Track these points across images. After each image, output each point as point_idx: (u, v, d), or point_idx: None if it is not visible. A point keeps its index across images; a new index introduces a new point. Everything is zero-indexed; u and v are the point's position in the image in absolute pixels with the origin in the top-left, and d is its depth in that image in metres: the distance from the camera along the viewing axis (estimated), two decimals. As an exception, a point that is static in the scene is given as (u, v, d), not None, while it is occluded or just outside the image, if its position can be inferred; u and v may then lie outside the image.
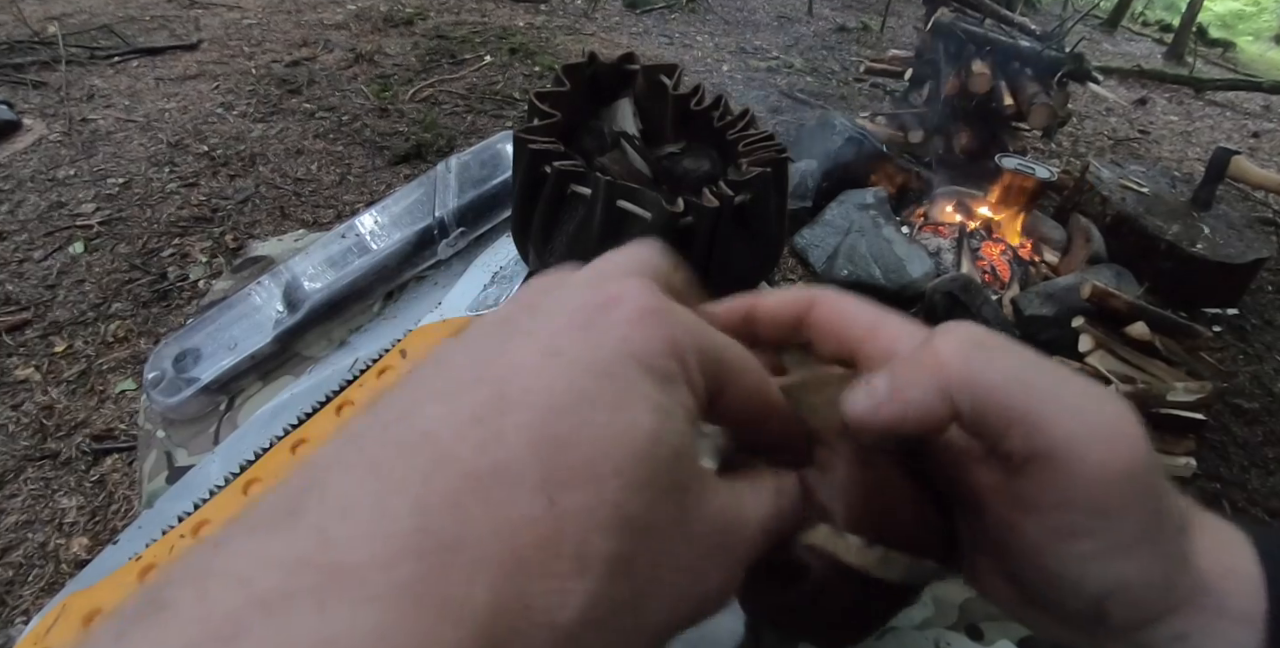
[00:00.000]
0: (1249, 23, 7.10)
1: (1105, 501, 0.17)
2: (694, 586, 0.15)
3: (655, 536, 0.14)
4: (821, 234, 2.19)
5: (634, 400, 0.14)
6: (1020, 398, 0.17)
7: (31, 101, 2.53)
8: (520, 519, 0.12)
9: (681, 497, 0.14)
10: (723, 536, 0.16)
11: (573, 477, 0.13)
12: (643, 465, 0.13)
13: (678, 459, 0.14)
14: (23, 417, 1.49)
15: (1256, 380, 2.01)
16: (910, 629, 0.47)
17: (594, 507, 0.13)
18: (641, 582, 0.13)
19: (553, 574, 0.12)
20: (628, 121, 0.67)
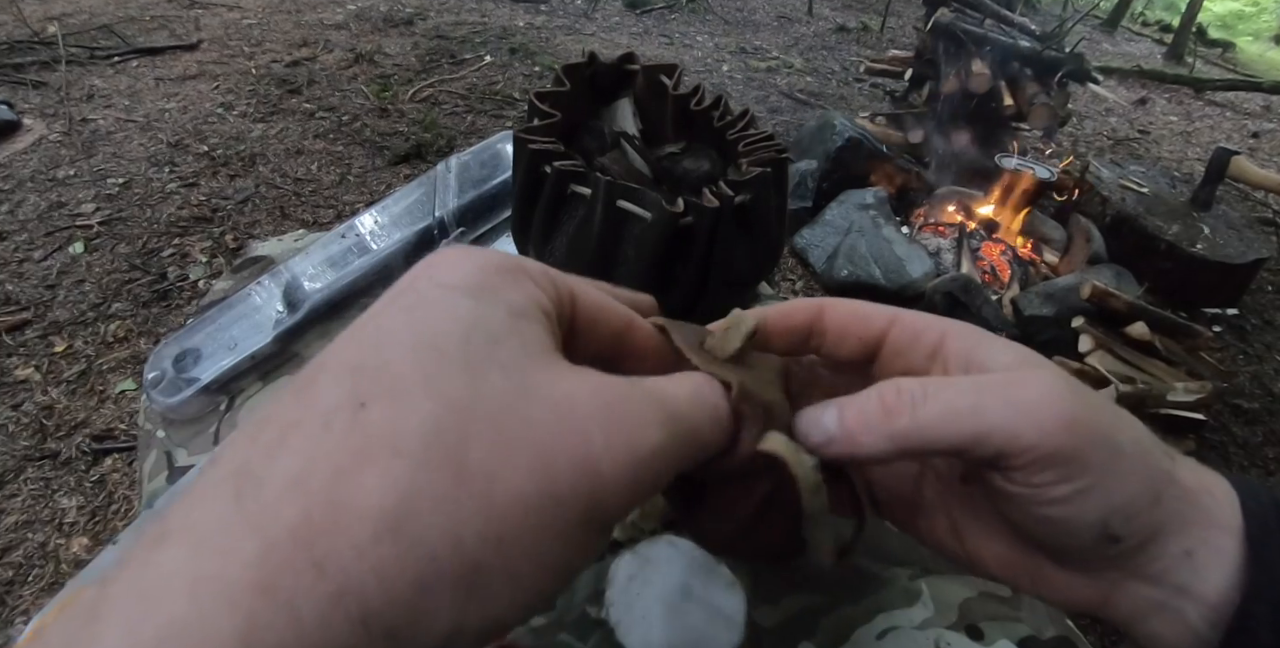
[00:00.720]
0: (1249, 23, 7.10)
1: (1062, 457, 0.19)
2: (541, 463, 0.15)
3: (477, 415, 0.15)
4: (821, 234, 2.19)
5: (432, 305, 0.16)
6: (958, 430, 0.20)
7: (31, 101, 2.53)
8: (341, 429, 0.14)
9: (505, 378, 0.15)
10: (573, 417, 0.16)
11: (376, 375, 0.15)
12: (442, 352, 0.15)
13: (494, 343, 0.16)
14: (23, 417, 1.49)
15: (1256, 380, 2.01)
16: (910, 629, 0.47)
17: (399, 391, 0.15)
18: (473, 458, 0.14)
19: (370, 465, 0.13)
20: (628, 121, 0.67)
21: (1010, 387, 0.20)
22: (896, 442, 0.20)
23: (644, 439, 0.16)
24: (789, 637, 0.46)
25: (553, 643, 0.45)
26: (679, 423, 0.18)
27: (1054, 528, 0.21)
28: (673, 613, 0.44)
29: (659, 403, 0.17)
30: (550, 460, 0.15)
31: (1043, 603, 0.50)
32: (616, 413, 0.16)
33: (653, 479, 0.17)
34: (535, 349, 0.17)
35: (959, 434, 0.20)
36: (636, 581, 0.46)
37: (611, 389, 0.17)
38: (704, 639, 0.44)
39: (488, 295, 0.17)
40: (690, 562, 0.47)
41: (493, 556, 0.14)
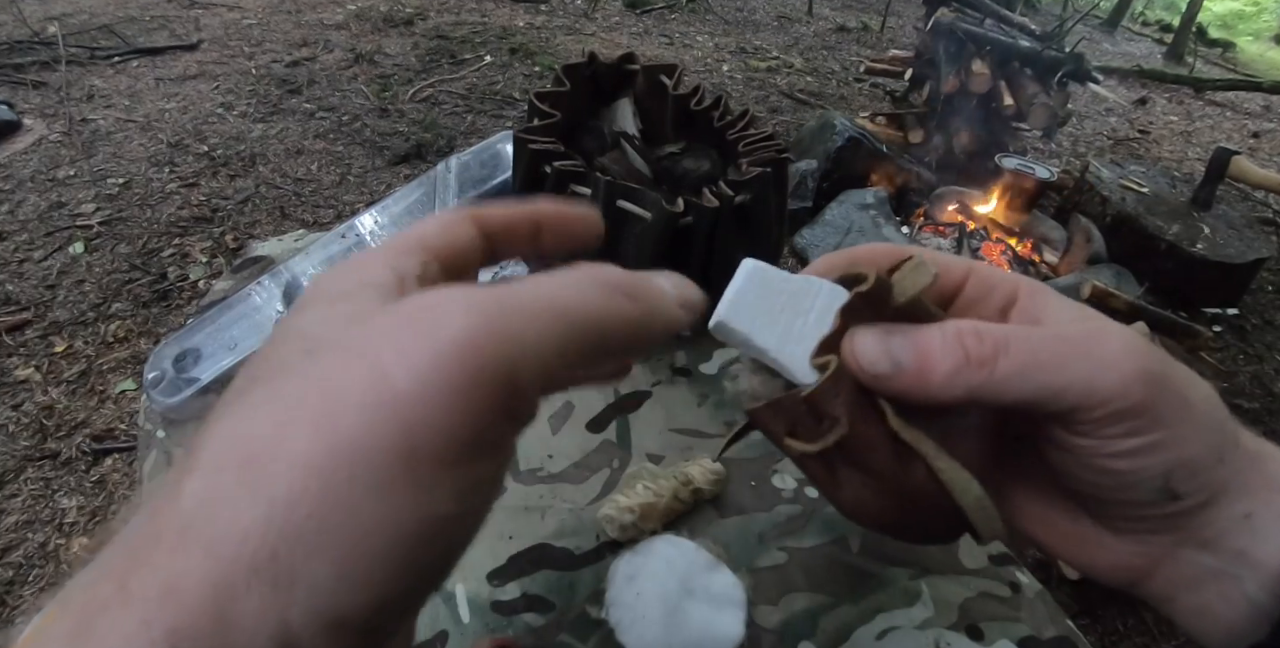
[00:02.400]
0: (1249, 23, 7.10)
1: (1136, 411, 0.19)
2: (323, 414, 0.13)
3: (268, 405, 0.14)
4: (821, 234, 2.19)
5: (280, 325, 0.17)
6: (1038, 383, 0.19)
7: (31, 101, 2.53)
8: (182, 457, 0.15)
9: (308, 357, 0.15)
10: (362, 347, 0.14)
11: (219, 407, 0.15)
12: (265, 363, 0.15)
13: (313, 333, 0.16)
14: (23, 417, 1.49)
15: (1256, 380, 2.01)
16: (910, 629, 0.47)
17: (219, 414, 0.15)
18: (257, 443, 0.13)
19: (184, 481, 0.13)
20: (628, 121, 0.67)
21: (1089, 340, 0.20)
22: (971, 390, 0.20)
23: (448, 329, 0.13)
24: (789, 637, 0.46)
25: (553, 643, 0.45)
26: (525, 300, 0.15)
27: (1114, 481, 0.20)
28: (673, 613, 0.44)
29: (485, 293, 0.14)
30: (334, 408, 0.13)
31: (1043, 603, 0.50)
32: (414, 319, 0.14)
33: (498, 369, 0.13)
34: (353, 317, 0.15)
35: (1037, 388, 0.19)
36: (636, 581, 0.46)
37: (422, 301, 0.15)
38: (704, 639, 0.44)
39: (314, 298, 0.17)
40: (690, 562, 0.47)
41: (282, 538, 0.12)
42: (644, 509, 0.49)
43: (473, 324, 0.13)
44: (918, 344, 0.20)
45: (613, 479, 0.55)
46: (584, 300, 0.16)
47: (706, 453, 0.57)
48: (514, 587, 0.47)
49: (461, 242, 0.20)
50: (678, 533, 0.50)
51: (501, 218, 0.21)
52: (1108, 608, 1.33)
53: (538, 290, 0.15)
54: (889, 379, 0.20)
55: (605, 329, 0.16)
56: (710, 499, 0.53)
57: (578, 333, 0.16)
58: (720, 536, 0.51)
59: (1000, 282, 0.24)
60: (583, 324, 0.16)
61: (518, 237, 0.22)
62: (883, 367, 0.20)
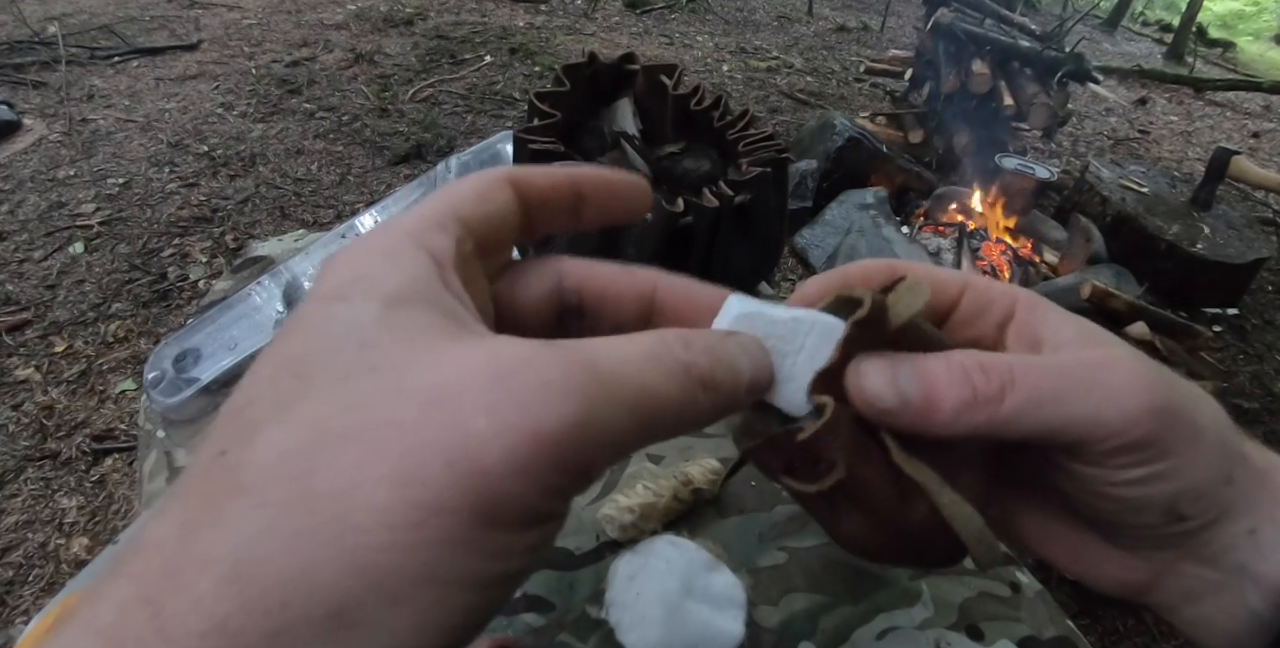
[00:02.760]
0: (1249, 23, 7.10)
1: (1144, 444, 0.19)
2: (405, 468, 0.13)
3: (332, 434, 0.13)
4: (821, 234, 2.19)
5: (301, 325, 0.15)
6: (1041, 420, 0.19)
7: (31, 101, 2.53)
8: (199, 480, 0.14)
9: (377, 383, 0.14)
10: (450, 403, 0.13)
11: (238, 416, 0.14)
12: (302, 377, 0.14)
13: (366, 348, 0.14)
14: (23, 417, 1.49)
15: (1256, 380, 2.01)
16: (910, 629, 0.47)
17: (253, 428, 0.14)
18: (323, 482, 0.13)
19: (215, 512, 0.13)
20: (628, 121, 0.67)
21: (1096, 370, 0.19)
22: (975, 428, 0.19)
23: (548, 413, 0.13)
24: (789, 637, 0.46)
25: (553, 643, 0.45)
26: (614, 388, 0.14)
27: (1120, 507, 0.20)
28: (673, 613, 0.44)
29: (579, 366, 0.14)
30: (416, 462, 0.13)
31: (1043, 603, 0.50)
32: (511, 386, 0.14)
33: (580, 458, 0.14)
34: (417, 336, 0.15)
35: (1042, 424, 0.19)
36: (636, 581, 0.46)
37: (511, 357, 0.14)
38: (704, 639, 0.44)
39: (361, 291, 0.15)
40: (690, 562, 0.47)
41: (359, 587, 0.12)
42: (644, 509, 0.49)
43: (568, 416, 0.13)
44: (924, 378, 0.19)
45: (613, 479, 0.55)
46: (669, 393, 0.16)
47: (706, 453, 0.57)
48: (514, 587, 0.47)
49: (499, 212, 0.19)
50: (678, 533, 0.50)
51: (543, 183, 0.20)
52: (1108, 608, 1.33)
53: (628, 372, 0.15)
54: (894, 415, 0.19)
55: (679, 421, 0.16)
56: (710, 499, 0.53)
57: (654, 424, 0.16)
58: (720, 536, 0.51)
59: (997, 296, 0.23)
60: (660, 417, 0.16)
61: (559, 207, 0.20)
62: (889, 402, 0.19)
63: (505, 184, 0.19)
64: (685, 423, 0.16)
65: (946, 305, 0.23)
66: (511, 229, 0.19)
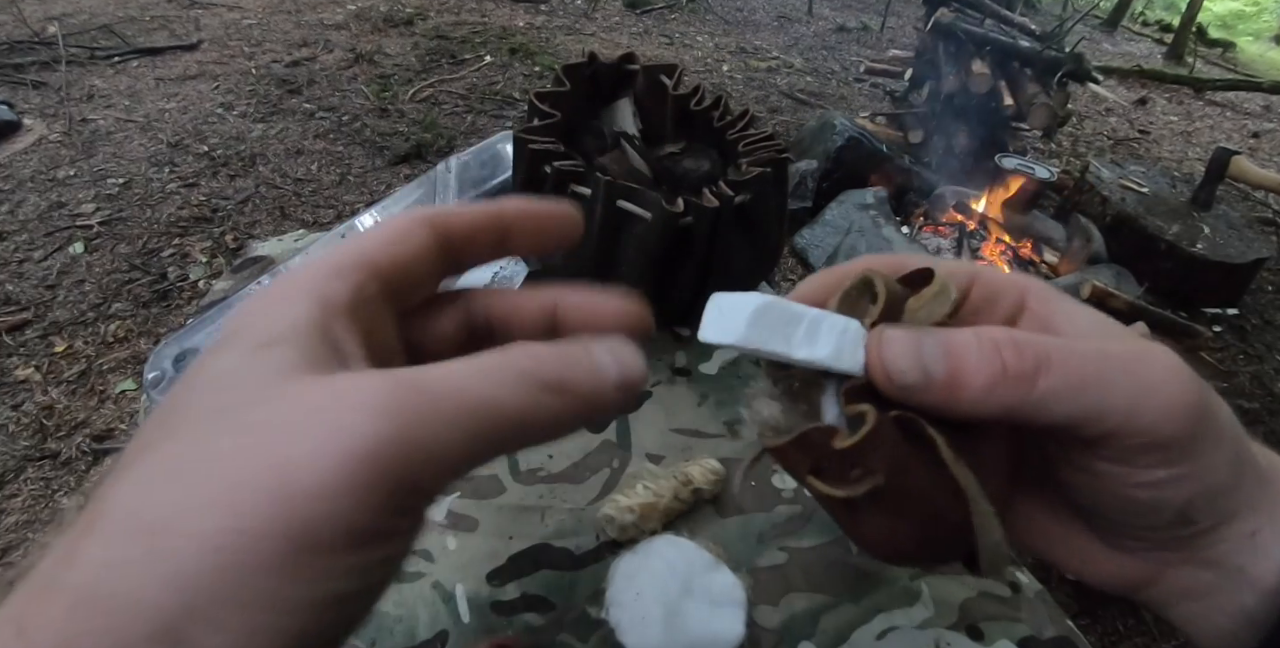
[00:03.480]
0: (1249, 23, 7.10)
1: (1170, 443, 0.18)
2: (224, 496, 0.14)
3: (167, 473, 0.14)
4: (821, 234, 2.19)
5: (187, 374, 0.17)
6: (1079, 405, 0.18)
7: (31, 101, 2.53)
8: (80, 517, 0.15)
9: (214, 424, 0.15)
10: (273, 433, 0.14)
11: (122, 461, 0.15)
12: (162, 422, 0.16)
13: (221, 390, 0.15)
14: (23, 417, 1.49)
15: (1256, 380, 2.01)
16: (910, 629, 0.47)
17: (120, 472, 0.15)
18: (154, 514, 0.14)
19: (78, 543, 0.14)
20: (628, 122, 0.67)
21: (1135, 362, 0.19)
22: (1008, 408, 0.18)
23: (360, 433, 0.14)
24: (789, 637, 0.46)
25: (553, 643, 0.45)
26: (438, 403, 0.15)
27: (1131, 508, 0.20)
28: (673, 613, 0.44)
29: (402, 387, 0.15)
30: (236, 491, 0.13)
31: (1043, 603, 0.50)
32: (329, 412, 0.14)
33: (404, 475, 0.14)
34: (271, 377, 0.15)
35: (1078, 410, 0.18)
36: (636, 581, 0.46)
37: (341, 387, 0.15)
38: (704, 639, 0.44)
39: (237, 339, 0.16)
40: (690, 562, 0.47)
41: (180, 610, 0.13)
42: (644, 509, 0.49)
43: (382, 433, 0.14)
44: (951, 352, 0.18)
45: (613, 479, 0.55)
46: (502, 400, 0.16)
47: (706, 453, 0.57)
48: (514, 587, 0.47)
49: (410, 254, 0.19)
50: (678, 533, 0.50)
51: (462, 222, 0.20)
52: (1108, 608, 1.33)
53: (455, 386, 0.15)
54: (918, 391, 0.18)
55: (524, 429, 0.16)
56: (710, 499, 0.53)
57: (492, 435, 0.16)
58: (720, 536, 0.51)
59: (1006, 287, 0.22)
60: (496, 427, 0.16)
61: (483, 242, 0.21)
62: (913, 376, 0.18)
63: (421, 226, 0.20)
64: (536, 429, 0.16)
65: (956, 298, 0.23)
66: (427, 268, 0.20)
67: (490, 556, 0.49)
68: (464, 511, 0.51)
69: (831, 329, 0.20)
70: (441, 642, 0.44)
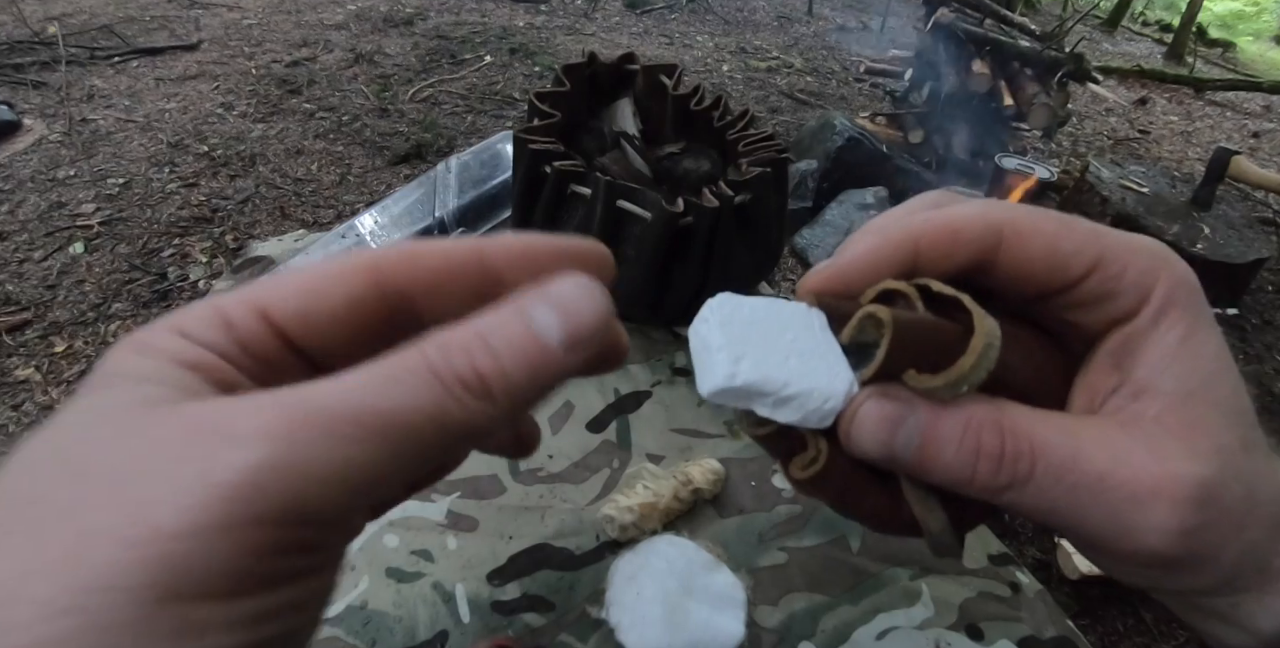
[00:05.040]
0: (1249, 23, 7.10)
1: (1170, 563, 0.17)
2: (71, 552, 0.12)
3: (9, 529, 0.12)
4: (821, 234, 2.19)
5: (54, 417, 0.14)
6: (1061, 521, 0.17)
7: (31, 101, 2.53)
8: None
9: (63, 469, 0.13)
10: (130, 472, 0.12)
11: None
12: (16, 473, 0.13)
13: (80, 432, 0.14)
14: (23, 417, 1.49)
15: (1256, 380, 2.01)
16: (910, 629, 0.47)
17: None
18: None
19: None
20: (628, 121, 0.67)
21: (1137, 454, 0.17)
22: (975, 494, 0.17)
23: (225, 465, 0.12)
24: (789, 637, 0.46)
25: (553, 643, 0.45)
26: (325, 421, 0.13)
27: (1142, 584, 0.19)
28: (673, 613, 0.44)
29: (279, 408, 0.13)
30: (85, 545, 0.11)
31: (1043, 603, 0.50)
32: (192, 446, 0.12)
33: (289, 505, 0.12)
34: (118, 414, 0.13)
35: (1051, 521, 0.17)
36: (636, 581, 0.46)
37: (206, 417, 0.13)
38: (704, 639, 0.44)
39: (94, 385, 0.14)
40: (690, 562, 0.47)
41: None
42: (644, 509, 0.49)
43: (256, 459, 0.12)
44: (927, 443, 0.17)
45: (613, 479, 0.55)
46: (412, 409, 0.13)
47: (706, 453, 0.57)
48: (514, 587, 0.47)
49: (328, 309, 0.16)
50: (678, 533, 0.50)
51: (422, 270, 0.16)
52: (1108, 608, 1.33)
53: (352, 401, 0.13)
54: (881, 462, 0.18)
55: (450, 434, 0.14)
56: (710, 499, 0.53)
57: (405, 449, 0.13)
58: (720, 536, 0.51)
59: (1130, 285, 0.18)
60: (409, 439, 0.13)
61: (452, 294, 0.17)
62: (876, 454, 0.17)
63: (356, 274, 0.16)
64: (459, 433, 0.14)
65: (1064, 283, 0.18)
66: (358, 325, 0.16)
67: (490, 556, 0.49)
68: (464, 510, 0.51)
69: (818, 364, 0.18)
70: (441, 642, 0.44)
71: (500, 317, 0.15)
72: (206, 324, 0.15)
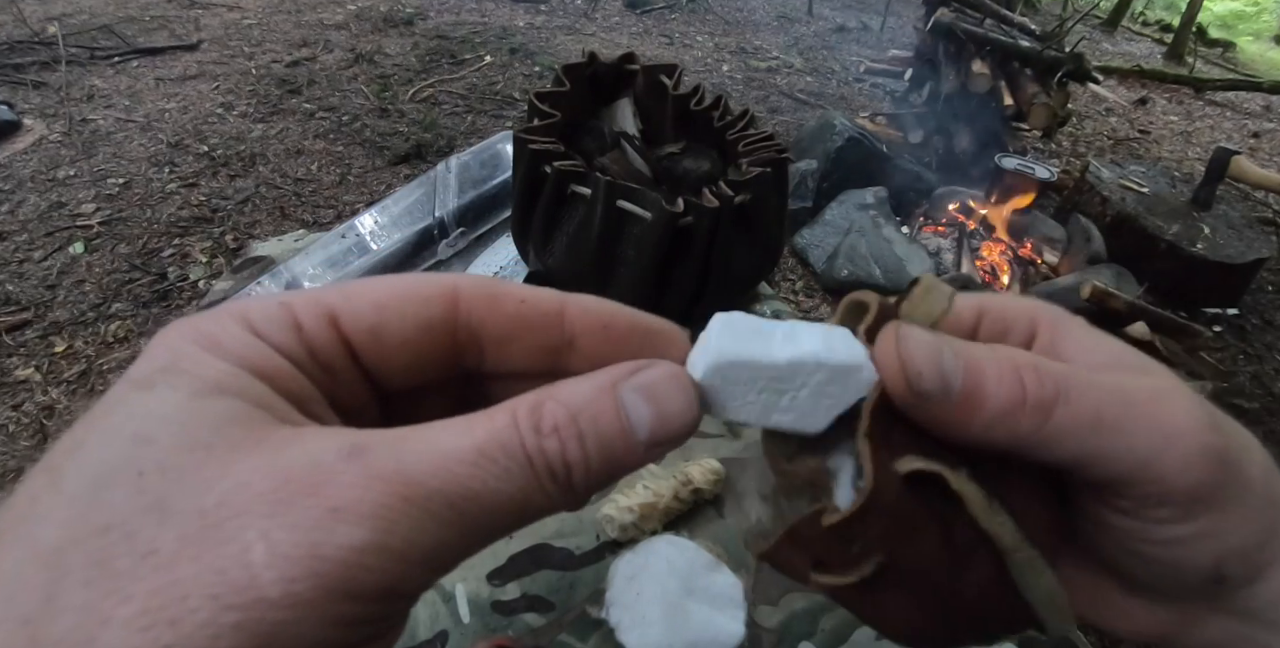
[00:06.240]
0: (1249, 23, 7.10)
1: (1193, 495, 0.17)
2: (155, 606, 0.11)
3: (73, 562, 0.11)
4: (821, 234, 2.19)
5: (100, 409, 0.14)
6: (1094, 443, 0.17)
7: (31, 101, 2.53)
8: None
9: (138, 494, 0.12)
10: (223, 525, 0.12)
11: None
12: (55, 480, 0.13)
13: (145, 444, 0.13)
14: (23, 417, 1.49)
15: (1256, 380, 2.01)
16: (910, 629, 0.47)
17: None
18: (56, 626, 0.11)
19: None
20: (628, 121, 0.67)
21: (1156, 405, 0.17)
22: (1017, 438, 0.16)
23: (332, 540, 0.12)
24: (789, 637, 0.46)
25: (553, 643, 0.45)
26: (424, 500, 0.13)
27: (1159, 568, 0.18)
28: (673, 613, 0.44)
29: (380, 481, 0.12)
30: (170, 600, 0.11)
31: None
32: (294, 510, 0.12)
33: (379, 584, 0.12)
34: (207, 435, 0.13)
35: (1090, 449, 0.17)
36: (636, 581, 0.46)
37: (304, 473, 0.12)
38: (704, 639, 0.44)
39: (167, 378, 0.14)
40: (690, 562, 0.47)
41: None
42: (644, 509, 0.49)
43: (363, 540, 0.12)
44: (970, 367, 0.16)
45: (613, 479, 0.55)
46: (502, 495, 0.13)
47: (706, 453, 0.57)
48: (514, 587, 0.47)
49: (399, 329, 0.16)
50: (678, 533, 0.50)
51: (499, 313, 0.16)
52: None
53: (445, 477, 0.13)
54: (933, 403, 0.16)
55: (517, 522, 0.14)
56: (710, 499, 0.53)
57: (485, 532, 0.13)
58: (720, 536, 0.51)
59: (1017, 315, 0.20)
60: (489, 523, 0.13)
61: (522, 348, 0.17)
62: (931, 382, 0.16)
63: (437, 301, 0.16)
64: (528, 519, 0.14)
65: (964, 331, 0.20)
66: (425, 353, 0.16)
67: (490, 555, 0.49)
68: (464, 511, 0.51)
69: (812, 333, 0.17)
70: (441, 642, 0.44)
71: (592, 392, 0.15)
72: (276, 323, 0.15)
